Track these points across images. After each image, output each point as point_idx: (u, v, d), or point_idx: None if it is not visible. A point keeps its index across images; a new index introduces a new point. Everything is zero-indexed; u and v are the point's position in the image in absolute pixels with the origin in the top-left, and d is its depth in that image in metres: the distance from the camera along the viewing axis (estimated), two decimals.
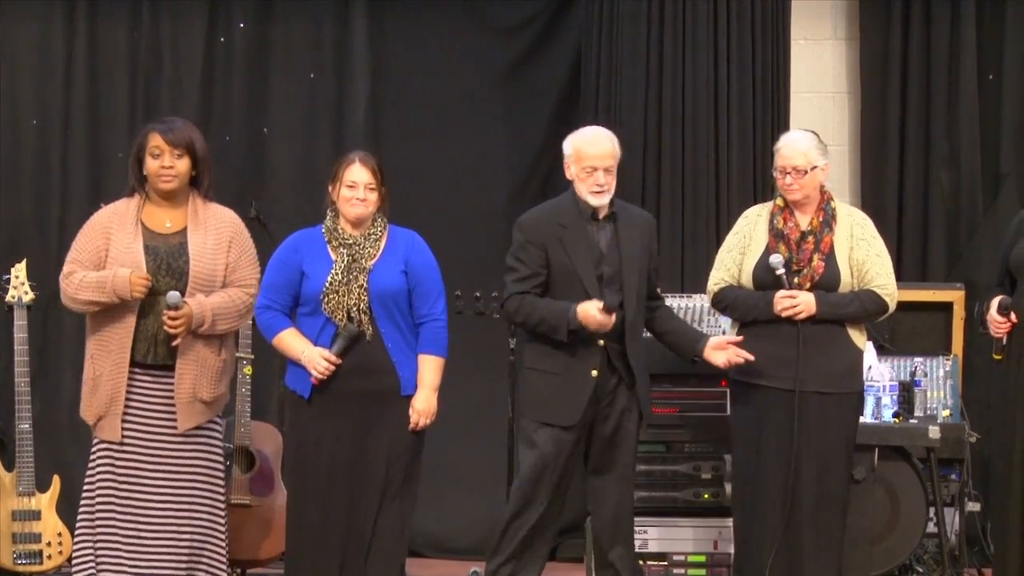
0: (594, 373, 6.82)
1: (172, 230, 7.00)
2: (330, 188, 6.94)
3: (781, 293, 6.79)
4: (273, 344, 7.06)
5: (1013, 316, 6.90)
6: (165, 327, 6.82)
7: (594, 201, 6.81)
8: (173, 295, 6.88)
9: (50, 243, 8.92)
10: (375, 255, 6.89)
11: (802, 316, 6.78)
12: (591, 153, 6.87)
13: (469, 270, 8.21)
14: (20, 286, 7.74)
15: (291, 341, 7.01)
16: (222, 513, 7.11)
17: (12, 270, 7.81)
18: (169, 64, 9.24)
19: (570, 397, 6.93)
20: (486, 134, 9.35)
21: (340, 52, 9.32)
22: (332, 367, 6.90)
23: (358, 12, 9.27)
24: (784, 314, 6.80)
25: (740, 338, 6.97)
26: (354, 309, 6.84)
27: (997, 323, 6.85)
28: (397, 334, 6.85)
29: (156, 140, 6.96)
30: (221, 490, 7.12)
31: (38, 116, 9.19)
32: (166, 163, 6.91)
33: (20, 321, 7.73)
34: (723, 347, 7.07)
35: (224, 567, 7.27)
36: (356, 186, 6.82)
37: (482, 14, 9.35)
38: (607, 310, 6.78)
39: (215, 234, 7.01)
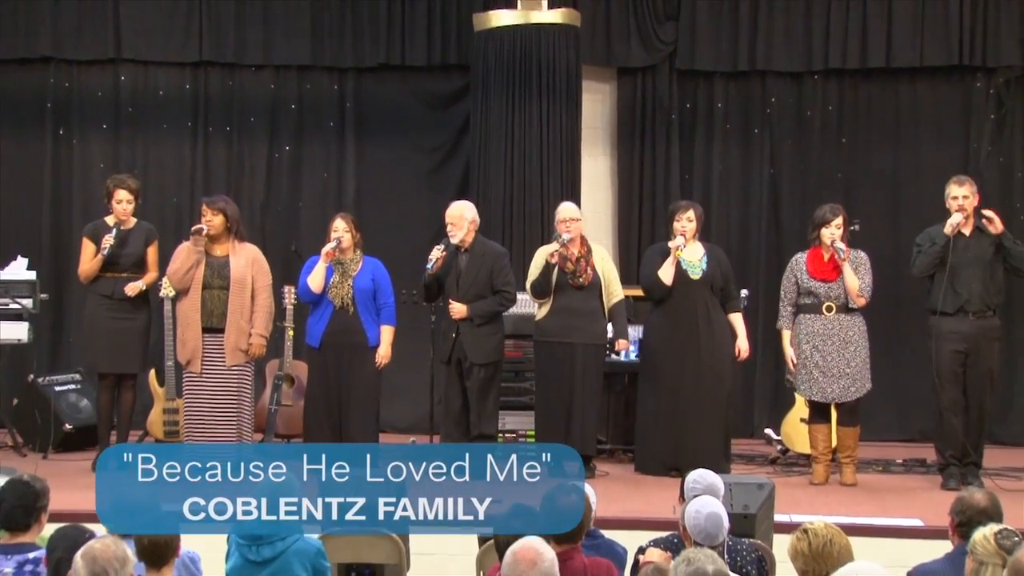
0: (453, 335, 8.99)
1: (220, 255, 8.96)
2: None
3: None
4: (308, 282, 8.61)
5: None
6: None
7: (453, 240, 8.86)
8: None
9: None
10: (356, 270, 8.86)
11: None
12: (448, 215, 8.91)
13: (404, 280, 9.84)
14: (167, 287, 9.50)
15: (314, 272, 8.62)
16: (248, 413, 8.91)
17: (163, 280, 9.57)
18: (248, 170, 11.61)
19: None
20: (417, 206, 11.54)
21: (340, 160, 11.60)
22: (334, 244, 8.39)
23: (350, 139, 11.61)
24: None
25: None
26: (346, 297, 8.78)
27: (680, 231, 8.99)
28: (367, 313, 8.88)
29: (203, 207, 8.98)
30: (250, 402, 8.86)
31: (177, 197, 11.56)
32: (207, 218, 8.90)
33: (167, 307, 9.61)
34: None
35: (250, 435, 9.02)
36: (337, 230, 8.83)
37: (415, 140, 11.59)
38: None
39: (244, 257, 8.92)
